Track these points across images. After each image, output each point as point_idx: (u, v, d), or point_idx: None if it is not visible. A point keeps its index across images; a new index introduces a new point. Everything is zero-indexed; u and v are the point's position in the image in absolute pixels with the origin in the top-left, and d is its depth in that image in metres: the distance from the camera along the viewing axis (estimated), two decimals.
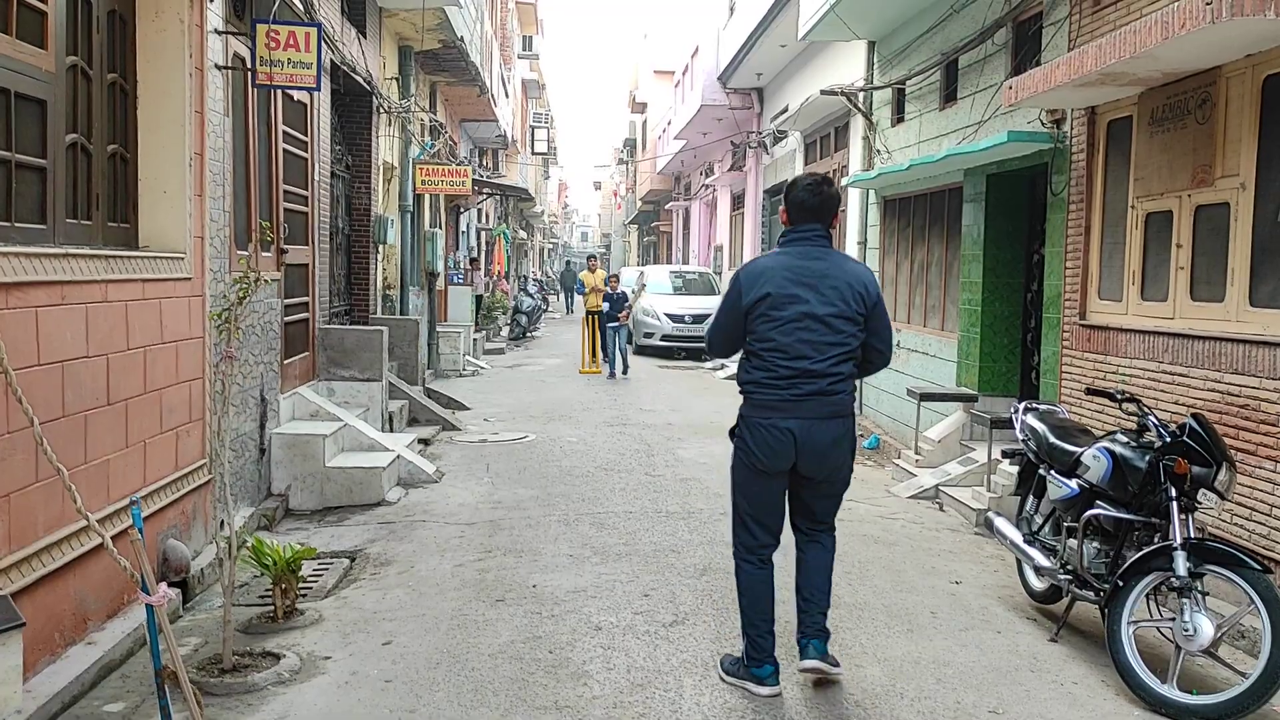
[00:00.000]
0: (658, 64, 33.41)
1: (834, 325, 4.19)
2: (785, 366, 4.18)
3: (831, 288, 4.21)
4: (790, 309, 4.18)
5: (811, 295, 4.19)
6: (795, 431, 4.20)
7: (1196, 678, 4.59)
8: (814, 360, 4.17)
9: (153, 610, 3.55)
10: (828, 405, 4.22)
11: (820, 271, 4.24)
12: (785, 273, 4.23)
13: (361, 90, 10.70)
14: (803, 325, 4.17)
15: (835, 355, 4.20)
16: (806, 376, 4.17)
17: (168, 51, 5.53)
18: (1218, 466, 4.53)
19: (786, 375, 4.18)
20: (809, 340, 4.17)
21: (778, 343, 4.18)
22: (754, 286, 4.24)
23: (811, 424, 4.21)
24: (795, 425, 4.20)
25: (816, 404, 4.20)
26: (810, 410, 4.20)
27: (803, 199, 4.35)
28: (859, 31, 11.65)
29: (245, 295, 4.70)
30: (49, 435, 3.69)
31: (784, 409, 4.21)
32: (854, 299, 4.22)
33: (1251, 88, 5.59)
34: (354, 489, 7.66)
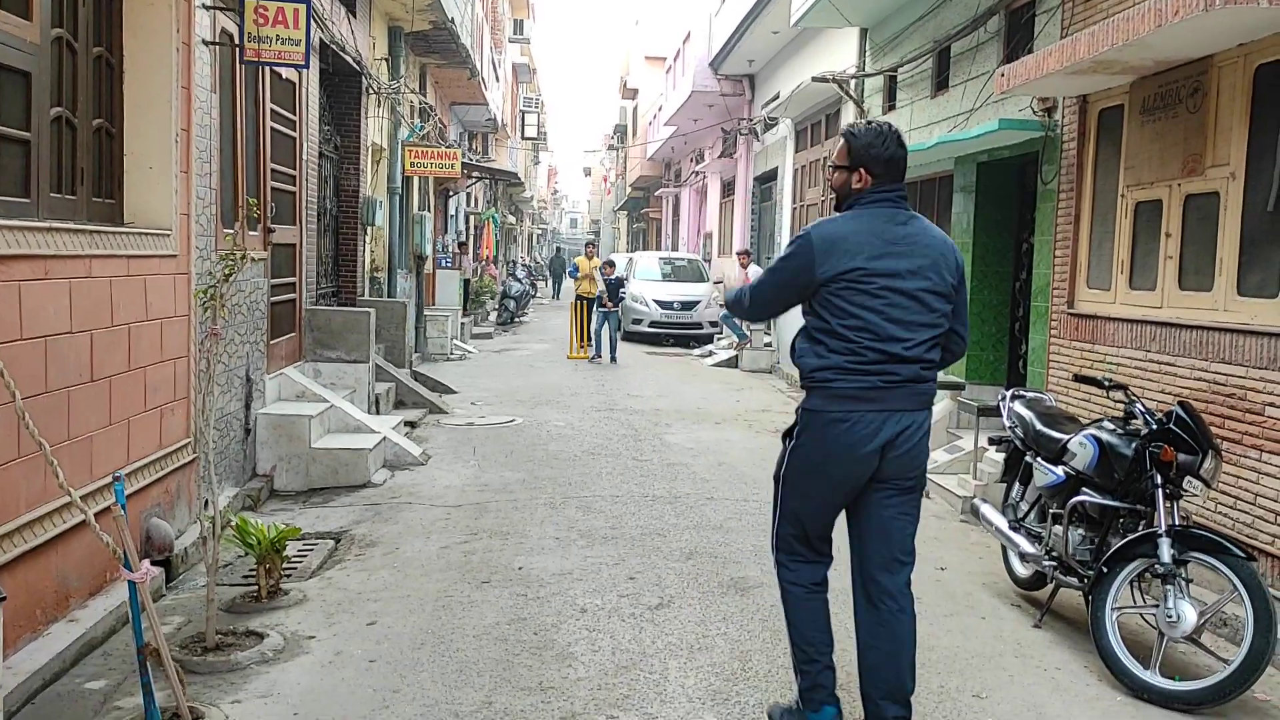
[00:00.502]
0: (649, 50, 33.27)
1: (927, 302, 3.56)
2: (874, 349, 3.51)
3: (923, 257, 3.57)
4: (880, 281, 3.51)
5: (902, 266, 3.54)
6: (884, 426, 3.53)
7: (1179, 664, 4.61)
8: (907, 344, 3.53)
9: (135, 587, 3.53)
10: (919, 395, 3.61)
11: (909, 238, 3.59)
12: (874, 240, 3.55)
13: (351, 70, 10.62)
14: (894, 301, 3.52)
15: (928, 338, 3.58)
16: (898, 361, 3.53)
17: (155, 25, 5.47)
18: (1203, 454, 4.54)
19: (875, 360, 3.51)
20: (901, 320, 3.52)
21: (866, 321, 3.50)
22: (832, 254, 3.54)
23: (901, 416, 3.55)
24: (884, 418, 3.53)
25: (908, 393, 3.57)
26: (901, 401, 3.56)
27: (896, 155, 3.65)
28: (851, 18, 11.62)
29: (231, 273, 4.66)
30: (31, 410, 3.65)
31: (871, 398, 3.53)
32: (948, 271, 3.61)
33: (1243, 77, 5.59)
34: (340, 470, 7.63)
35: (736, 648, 4.66)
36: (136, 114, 5.46)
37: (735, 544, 6.30)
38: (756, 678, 4.34)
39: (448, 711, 3.94)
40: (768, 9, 14.80)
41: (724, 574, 5.72)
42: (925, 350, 3.58)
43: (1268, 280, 5.38)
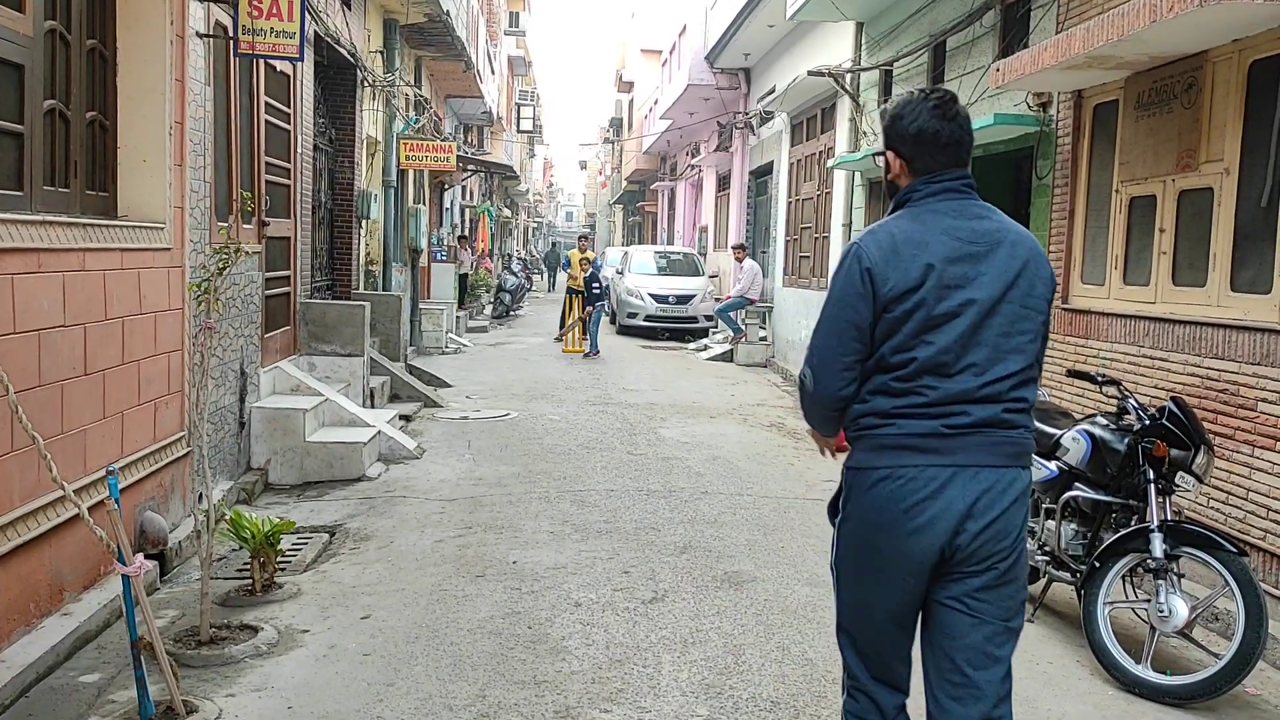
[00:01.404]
0: (645, 43, 33.22)
1: (1013, 321, 2.59)
2: (935, 387, 2.55)
3: (1008, 263, 2.60)
4: (955, 297, 2.56)
5: (982, 275, 2.58)
6: (949, 484, 2.54)
7: (1170, 658, 4.63)
8: (981, 375, 2.56)
9: (129, 581, 3.53)
10: (1004, 444, 2.58)
11: (990, 238, 2.62)
12: (941, 242, 2.58)
13: (345, 63, 10.59)
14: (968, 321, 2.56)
15: (1016, 370, 2.59)
16: (970, 401, 2.56)
17: (148, 17, 5.45)
18: (1196, 450, 4.56)
19: (938, 400, 2.55)
20: (976, 343, 2.57)
21: (926, 351, 2.55)
22: (890, 275, 2.56)
23: (978, 474, 2.55)
24: (951, 475, 2.54)
25: (985, 441, 2.56)
26: (976, 453, 2.56)
27: (928, 127, 2.66)
28: (847, 12, 11.61)
29: (225, 267, 4.64)
30: (25, 404, 3.65)
31: (932, 449, 2.55)
32: (1042, 283, 2.65)
33: (1238, 73, 5.60)
34: (334, 464, 7.63)
35: (730, 642, 4.67)
36: (130, 107, 5.44)
37: (729, 538, 6.31)
38: (750, 671, 4.35)
39: (441, 705, 3.95)
40: (764, 2, 14.77)
41: (718, 568, 5.73)
42: (1013, 386, 2.59)
43: (1261, 276, 5.40)
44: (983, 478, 2.54)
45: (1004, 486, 2.56)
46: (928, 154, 2.67)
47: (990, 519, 2.54)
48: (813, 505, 7.23)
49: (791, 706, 4.04)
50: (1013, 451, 2.59)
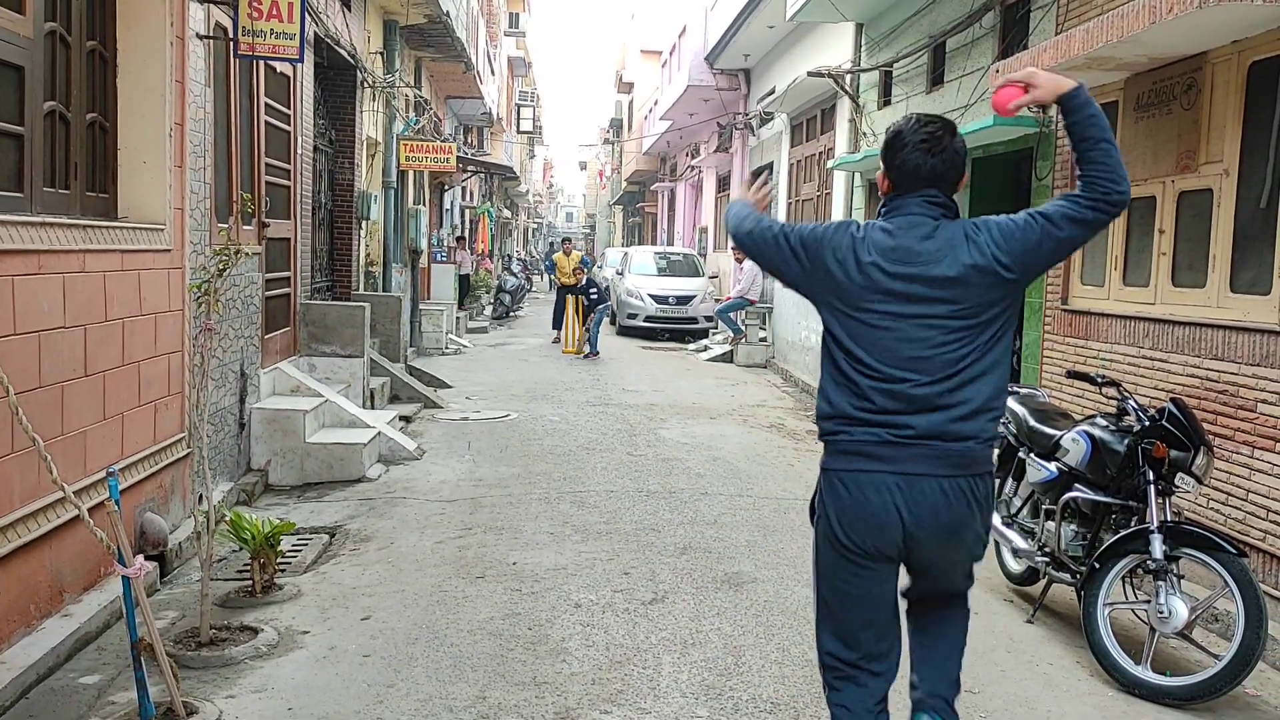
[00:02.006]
0: (645, 44, 33.24)
1: (949, 325, 2.79)
2: (879, 390, 2.80)
3: (941, 275, 2.80)
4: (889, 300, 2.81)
5: (912, 287, 2.81)
6: (898, 494, 2.79)
7: (1170, 659, 4.63)
8: (919, 383, 2.78)
9: (129, 582, 3.53)
10: (948, 454, 2.79)
11: (929, 255, 2.82)
12: (876, 251, 2.84)
13: (345, 64, 10.60)
14: (907, 327, 2.79)
15: (957, 372, 2.78)
16: (911, 408, 2.78)
17: (148, 19, 5.45)
18: (1195, 451, 4.55)
19: (882, 409, 2.80)
20: (912, 361, 2.79)
21: (862, 353, 2.82)
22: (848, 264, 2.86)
23: (923, 483, 2.78)
24: (898, 484, 2.79)
25: (930, 451, 2.78)
26: (920, 462, 2.78)
27: (918, 163, 2.90)
28: (847, 13, 11.61)
29: (225, 268, 4.65)
30: (25, 405, 3.65)
31: (880, 456, 2.80)
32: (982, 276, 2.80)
33: (1237, 74, 5.60)
34: (334, 465, 7.64)
35: (730, 643, 4.67)
36: (130, 108, 5.45)
37: (729, 539, 6.31)
38: (750, 673, 4.35)
39: (442, 706, 3.95)
40: (764, 3, 14.78)
41: (718, 569, 5.73)
42: (953, 388, 2.77)
43: (1260, 277, 5.40)
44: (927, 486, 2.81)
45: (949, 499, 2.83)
46: (909, 182, 2.93)
47: (938, 527, 2.84)
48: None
49: (792, 708, 4.05)
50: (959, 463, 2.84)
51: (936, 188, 2.90)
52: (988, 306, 2.81)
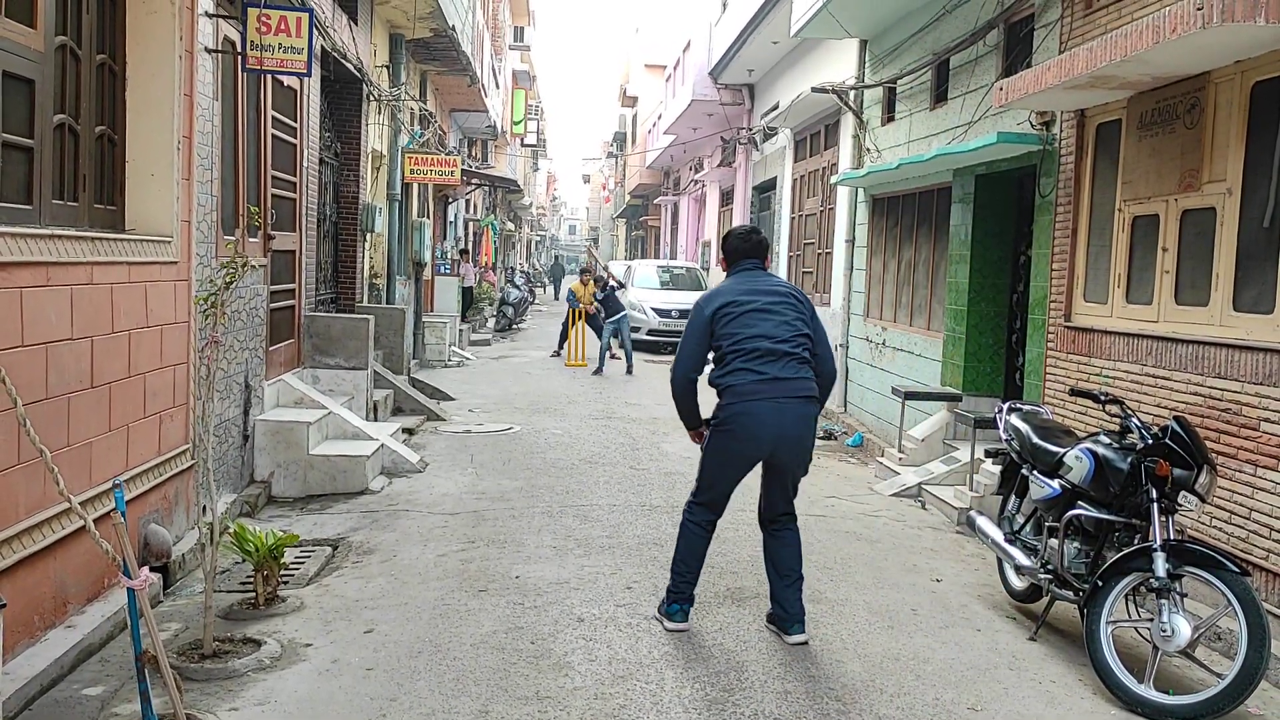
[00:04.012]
0: (649, 58, 33.32)
1: (786, 315, 4.82)
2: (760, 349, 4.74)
3: (773, 290, 4.93)
4: (754, 302, 4.83)
5: (760, 298, 4.86)
6: (770, 414, 4.70)
7: (1173, 678, 4.63)
8: (779, 341, 4.75)
9: (134, 594, 3.54)
10: (795, 387, 4.73)
11: (764, 284, 4.96)
12: (740, 285, 4.96)
13: (352, 77, 10.65)
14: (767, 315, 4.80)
15: (795, 341, 4.78)
16: (780, 358, 4.73)
17: (158, 33, 5.49)
18: (1199, 469, 4.56)
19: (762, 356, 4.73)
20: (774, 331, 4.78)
21: (746, 333, 4.76)
22: (712, 302, 4.93)
23: (780, 406, 4.69)
24: (770, 408, 4.70)
25: (788, 385, 4.72)
26: (785, 391, 4.71)
27: (736, 245, 5.12)
28: (851, 30, 11.65)
29: (232, 280, 4.67)
30: (32, 416, 3.66)
31: (766, 393, 4.69)
32: (792, 297, 4.94)
33: (1240, 94, 5.62)
34: (337, 477, 7.65)
35: (733, 658, 4.67)
36: (139, 121, 5.48)
37: (731, 554, 6.31)
38: (752, 688, 4.35)
39: None
40: (768, 19, 14.84)
41: (720, 584, 5.73)
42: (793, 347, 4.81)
43: (1264, 296, 5.41)
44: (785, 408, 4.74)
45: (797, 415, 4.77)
46: (736, 256, 5.13)
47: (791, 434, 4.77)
48: (815, 521, 7.22)
49: None
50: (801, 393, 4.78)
51: (755, 258, 5.11)
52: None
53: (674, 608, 4.97)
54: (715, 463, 4.93)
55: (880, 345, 11.23)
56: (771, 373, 4.70)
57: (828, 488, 8.58)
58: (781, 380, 4.71)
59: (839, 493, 8.41)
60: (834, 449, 10.58)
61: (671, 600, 4.99)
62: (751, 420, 4.72)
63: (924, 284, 10.31)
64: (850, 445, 10.60)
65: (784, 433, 4.72)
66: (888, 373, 10.77)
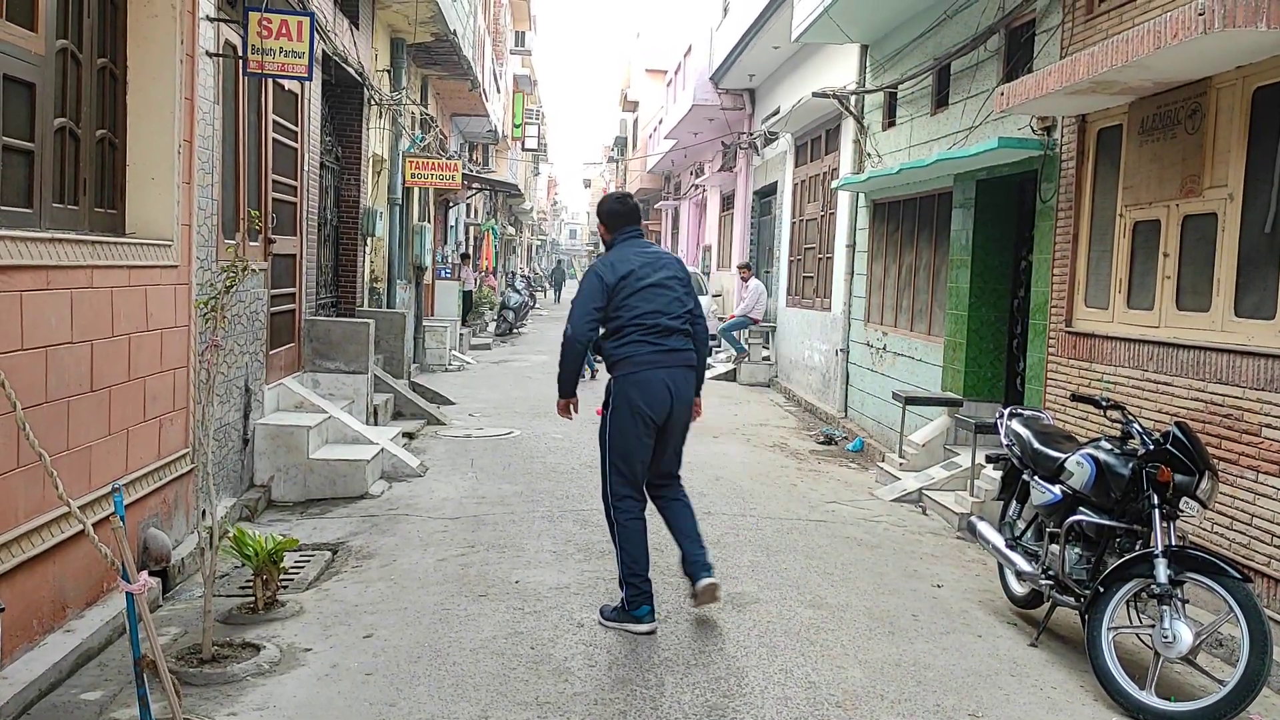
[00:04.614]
0: (650, 63, 33.36)
1: (677, 292, 5.19)
2: (659, 325, 5.09)
3: (664, 265, 5.24)
4: (649, 278, 5.13)
5: (656, 273, 5.17)
6: (667, 380, 5.09)
7: (1174, 684, 4.62)
8: (672, 318, 5.12)
9: (133, 598, 3.53)
10: (684, 358, 5.16)
11: (655, 257, 5.28)
12: (633, 256, 5.20)
13: (353, 81, 10.65)
14: (660, 291, 5.13)
15: (684, 317, 5.19)
16: (673, 334, 5.11)
17: (159, 37, 5.49)
18: (1200, 475, 4.55)
19: (660, 332, 5.09)
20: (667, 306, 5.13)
21: (644, 309, 5.07)
22: (615, 270, 5.12)
23: (674, 372, 5.12)
24: (667, 375, 5.09)
25: (680, 356, 5.14)
26: (678, 362, 5.13)
27: (616, 209, 5.40)
28: (852, 35, 11.66)
29: (232, 284, 4.67)
30: (31, 420, 3.66)
31: (663, 363, 5.08)
32: (680, 272, 5.29)
33: (1241, 99, 5.62)
34: (337, 481, 7.64)
35: (732, 664, 4.66)
36: (139, 125, 5.48)
37: (731, 560, 6.30)
38: (752, 694, 4.34)
39: None
40: (769, 24, 14.85)
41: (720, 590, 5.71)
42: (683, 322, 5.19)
43: (1265, 301, 5.40)
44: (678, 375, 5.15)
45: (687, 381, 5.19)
46: (621, 221, 5.40)
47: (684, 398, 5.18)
48: (815, 527, 7.22)
49: None
50: (688, 362, 5.20)
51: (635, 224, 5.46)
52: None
53: (643, 610, 5.01)
54: (626, 433, 5.12)
55: (881, 350, 11.22)
56: (667, 345, 5.10)
57: (828, 493, 8.56)
58: (674, 351, 5.11)
59: (840, 498, 8.39)
60: (835, 454, 10.57)
61: (636, 604, 5.02)
62: (655, 385, 5.07)
63: (925, 289, 10.31)
64: (851, 450, 10.59)
65: (679, 394, 5.13)
66: (888, 378, 10.76)
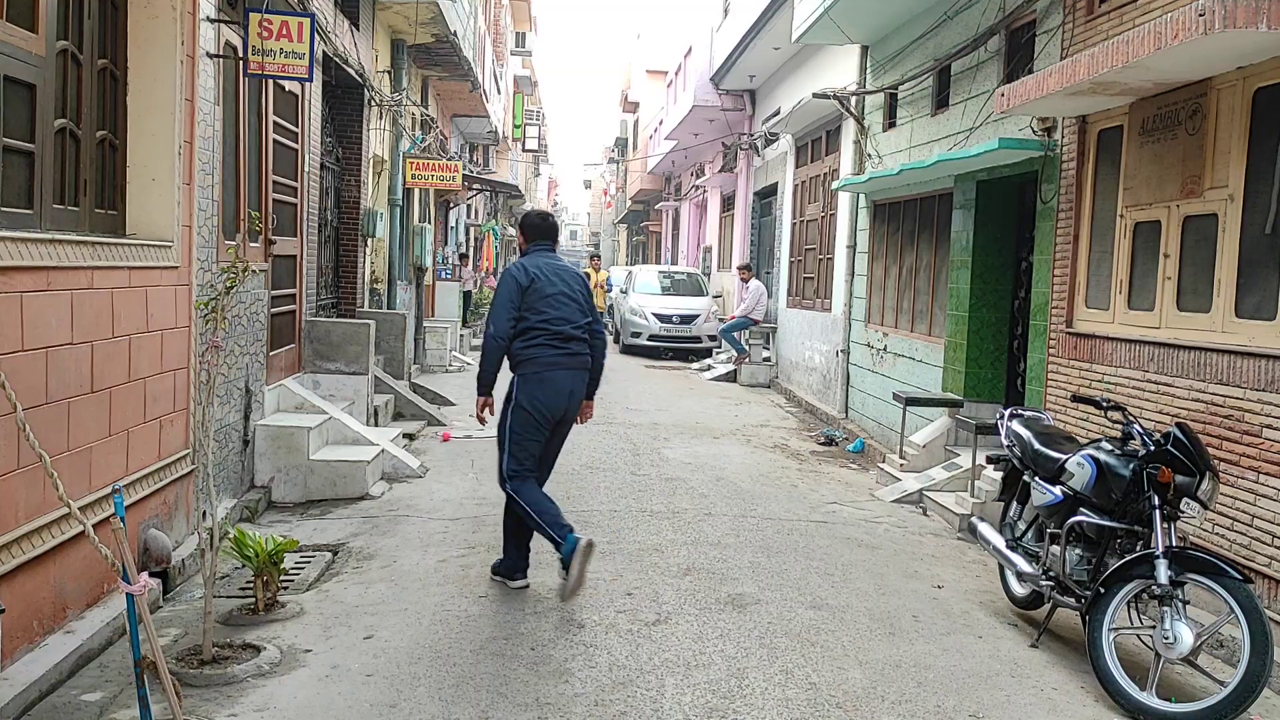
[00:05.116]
0: (650, 63, 33.35)
1: (579, 303, 5.79)
2: (562, 332, 5.68)
3: (568, 278, 5.83)
4: (556, 288, 5.72)
5: (561, 284, 5.76)
6: (566, 379, 5.69)
7: (1175, 685, 4.61)
8: (575, 326, 5.73)
9: (133, 599, 3.53)
10: (583, 362, 5.79)
11: (562, 270, 5.87)
12: (545, 267, 5.79)
13: (353, 82, 10.65)
14: (564, 300, 5.72)
15: (583, 326, 5.78)
16: (573, 340, 5.71)
17: (159, 38, 5.49)
18: (1201, 476, 4.55)
19: (563, 338, 5.67)
20: (570, 315, 5.72)
21: (550, 315, 5.66)
22: (526, 273, 5.72)
23: (574, 374, 5.73)
24: (567, 374, 5.70)
25: (579, 360, 5.77)
26: (578, 365, 5.75)
27: (537, 224, 6.07)
28: (853, 35, 11.66)
29: (233, 285, 4.67)
30: (32, 421, 3.66)
31: (566, 364, 5.69)
32: (581, 286, 5.88)
33: (1242, 100, 5.62)
34: (338, 482, 7.63)
35: (733, 665, 4.66)
36: (140, 126, 5.48)
37: (733, 560, 6.30)
38: (753, 695, 4.34)
39: None
40: (769, 25, 14.85)
41: (721, 590, 5.72)
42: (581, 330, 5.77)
43: (1265, 302, 5.40)
44: (575, 376, 5.74)
45: (580, 380, 5.78)
46: (536, 234, 6.01)
47: (577, 395, 5.76)
48: (816, 528, 7.21)
49: None
50: (583, 364, 5.79)
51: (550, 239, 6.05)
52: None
53: (569, 537, 5.42)
54: (526, 425, 5.64)
55: (881, 351, 11.22)
56: (569, 349, 5.70)
57: (829, 494, 8.56)
58: (573, 355, 5.72)
59: (840, 499, 8.39)
60: (835, 455, 10.57)
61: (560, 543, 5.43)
62: (557, 382, 5.65)
63: (925, 290, 10.31)
64: (851, 451, 10.59)
65: (574, 391, 5.73)
66: (889, 378, 10.76)
